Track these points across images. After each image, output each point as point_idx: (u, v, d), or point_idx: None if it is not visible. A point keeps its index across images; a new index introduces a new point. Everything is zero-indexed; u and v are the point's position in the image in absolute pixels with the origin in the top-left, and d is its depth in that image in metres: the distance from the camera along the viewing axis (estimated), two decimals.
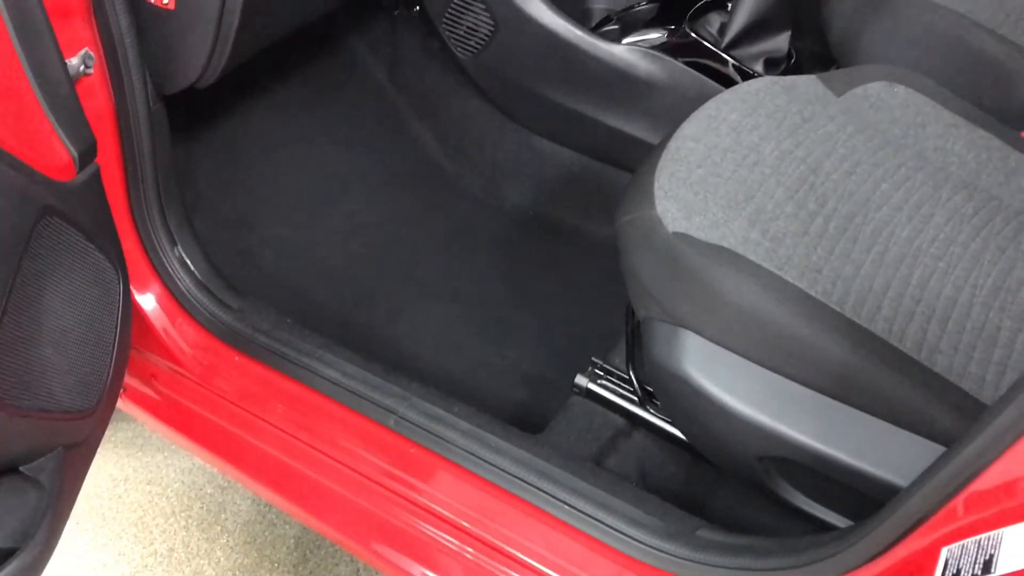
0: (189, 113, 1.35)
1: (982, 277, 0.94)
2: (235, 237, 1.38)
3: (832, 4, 1.38)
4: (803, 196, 0.98)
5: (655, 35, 1.37)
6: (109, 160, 0.99)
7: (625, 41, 1.36)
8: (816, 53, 1.47)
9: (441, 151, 1.60)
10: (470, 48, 1.44)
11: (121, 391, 1.10)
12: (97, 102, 0.96)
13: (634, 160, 1.43)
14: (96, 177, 0.88)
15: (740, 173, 0.97)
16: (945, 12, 1.27)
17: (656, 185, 0.94)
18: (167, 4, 0.93)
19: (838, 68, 1.37)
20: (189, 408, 1.10)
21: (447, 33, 1.44)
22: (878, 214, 0.98)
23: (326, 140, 1.57)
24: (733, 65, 1.33)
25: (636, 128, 1.38)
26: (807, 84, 1.12)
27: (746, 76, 1.32)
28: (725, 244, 0.89)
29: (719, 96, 1.06)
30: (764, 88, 1.09)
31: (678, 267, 0.88)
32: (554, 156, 1.51)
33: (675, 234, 0.89)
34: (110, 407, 0.92)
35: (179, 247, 1.09)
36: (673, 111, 1.34)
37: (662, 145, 0.99)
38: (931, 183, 1.03)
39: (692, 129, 1.01)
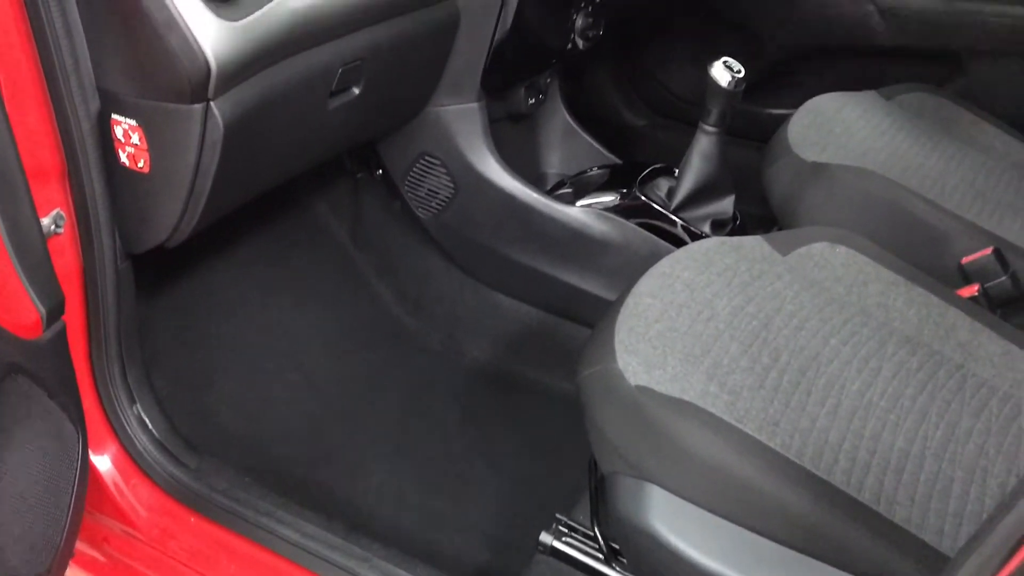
0: (152, 269, 1.37)
1: (931, 429, 0.97)
2: (194, 395, 1.37)
3: (771, 171, 1.46)
4: (757, 350, 1.01)
5: (608, 198, 1.44)
6: (73, 316, 1.00)
7: (579, 203, 1.43)
8: (759, 215, 1.55)
9: (401, 308, 1.63)
10: (431, 209, 1.49)
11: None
12: (65, 260, 0.98)
13: (591, 315, 1.47)
14: (62, 334, 0.89)
15: (696, 328, 1.01)
16: (879, 178, 1.35)
17: (616, 339, 0.97)
18: (142, 167, 0.96)
19: (780, 229, 1.45)
20: (142, 573, 1.06)
21: (409, 195, 1.49)
22: (829, 368, 1.02)
23: (286, 297, 1.59)
24: (682, 226, 1.40)
25: (592, 285, 1.43)
26: (754, 244, 1.18)
27: (695, 237, 1.39)
28: (686, 397, 0.91)
29: (672, 255, 1.11)
30: (714, 247, 1.15)
31: (641, 420, 0.90)
32: (513, 311, 1.55)
33: (637, 387, 0.92)
34: (61, 571, 0.88)
35: (138, 405, 1.08)
36: (627, 269, 1.39)
37: (620, 301, 1.03)
38: (877, 338, 1.07)
39: (648, 286, 1.05)
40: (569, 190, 1.51)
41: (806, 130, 1.47)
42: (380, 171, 1.55)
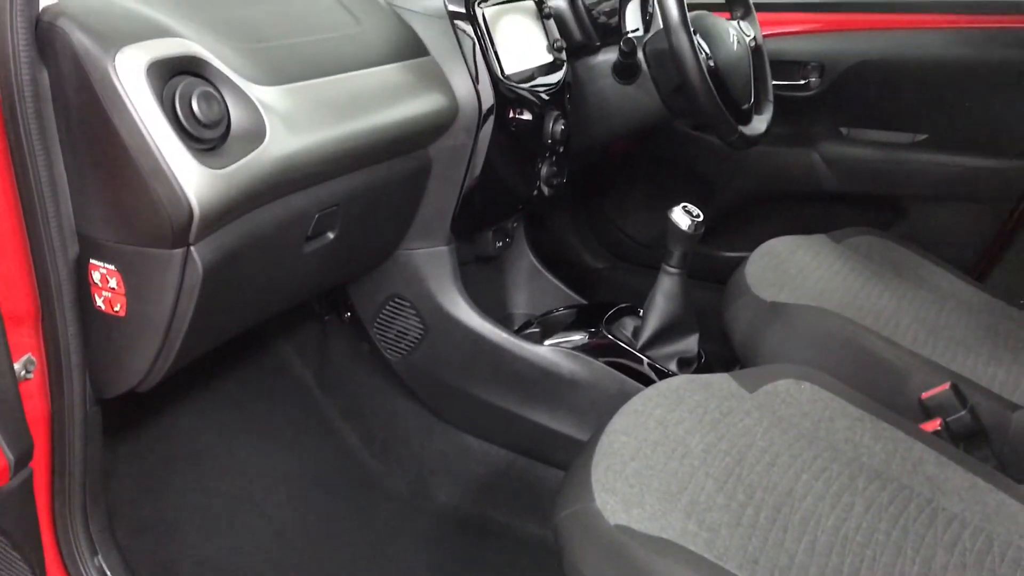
0: (117, 414, 1.34)
1: (908, 564, 0.97)
2: (157, 544, 1.32)
3: (732, 311, 1.51)
4: (732, 487, 1.02)
5: (576, 337, 1.46)
6: (38, 462, 0.97)
7: (548, 343, 1.45)
8: (722, 355, 1.58)
9: (367, 451, 1.61)
10: (400, 350, 1.50)
11: None
12: (33, 405, 0.96)
13: (562, 456, 1.47)
14: (28, 482, 0.86)
15: (671, 465, 1.01)
16: (836, 317, 1.40)
17: (593, 478, 0.97)
18: (117, 311, 0.96)
19: (742, 367, 1.48)
20: None
21: (378, 336, 1.50)
22: (803, 504, 1.03)
23: (250, 442, 1.57)
24: (649, 364, 1.42)
25: (562, 424, 1.43)
26: (721, 382, 1.20)
27: (661, 375, 1.41)
28: (666, 536, 0.91)
29: (643, 393, 1.13)
30: (683, 385, 1.17)
31: (623, 561, 0.89)
32: (482, 453, 1.53)
33: (617, 527, 0.91)
34: None
35: (100, 556, 1.04)
36: (596, 407, 1.40)
37: (594, 440, 1.04)
38: (847, 473, 1.08)
39: (622, 424, 1.06)
40: (537, 330, 1.54)
41: (763, 271, 1.53)
42: (348, 314, 1.56)
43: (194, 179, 0.83)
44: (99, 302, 0.95)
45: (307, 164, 0.99)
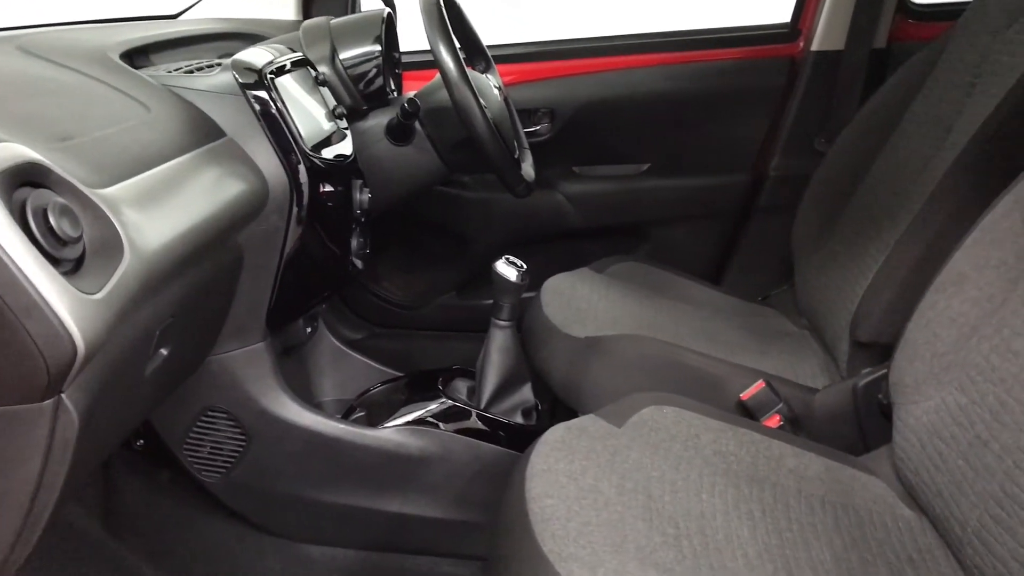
0: None
1: (819, 555, 1.04)
2: None
3: (546, 354, 1.51)
4: (659, 523, 1.02)
5: (415, 412, 1.38)
6: None
7: (387, 424, 1.36)
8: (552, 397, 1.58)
9: None
10: (217, 469, 1.32)
11: None
12: None
13: (422, 540, 1.38)
14: None
15: (603, 516, 0.99)
16: (650, 341, 1.46)
17: (546, 550, 0.92)
18: None
19: (564, 406, 1.49)
20: None
21: (189, 458, 1.31)
22: (715, 523, 1.05)
23: None
24: (494, 421, 1.38)
25: (417, 507, 1.34)
26: (592, 423, 1.20)
27: (511, 430, 1.38)
28: None
29: (535, 450, 1.10)
30: (564, 435, 1.15)
31: None
32: (330, 561, 1.39)
33: None
34: None
35: None
36: (453, 479, 1.33)
37: (523, 512, 0.98)
38: (732, 484, 1.13)
39: (539, 487, 1.02)
40: (362, 413, 1.43)
41: (562, 310, 1.56)
42: (140, 441, 1.35)
43: (75, 310, 0.67)
44: None
45: (161, 272, 0.84)
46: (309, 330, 1.48)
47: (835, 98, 1.94)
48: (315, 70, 1.37)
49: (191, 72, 1.25)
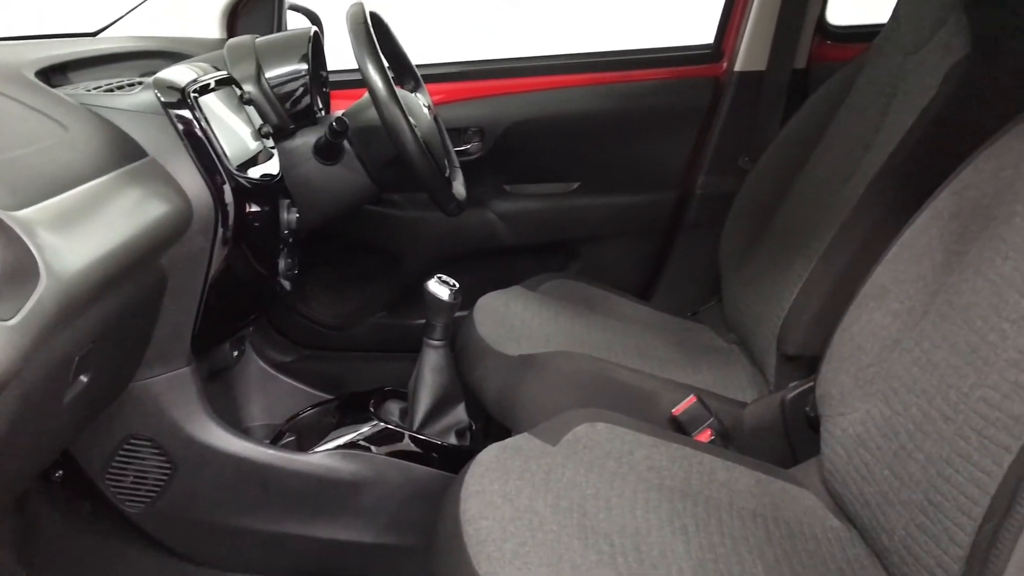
0: None
1: (753, 566, 1.05)
2: None
3: (480, 372, 1.50)
4: (594, 541, 1.02)
5: (345, 435, 1.36)
6: None
7: (318, 448, 1.33)
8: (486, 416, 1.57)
9: None
10: (141, 499, 1.28)
11: None
12: None
13: (355, 566, 1.35)
14: None
15: (538, 537, 0.99)
16: (582, 357, 1.47)
17: (482, 572, 0.91)
18: None
19: (497, 425, 1.48)
20: None
21: (112, 489, 1.26)
22: (650, 538, 1.06)
23: None
24: (427, 443, 1.37)
25: (350, 532, 1.32)
26: (526, 442, 1.20)
27: (445, 451, 1.37)
28: None
29: (469, 473, 1.09)
30: (498, 456, 1.14)
31: None
32: None
33: None
34: None
35: None
36: (385, 503, 1.31)
37: (457, 534, 0.97)
38: (665, 499, 1.14)
39: (474, 508, 1.01)
40: (292, 438, 1.40)
41: (494, 328, 1.56)
42: (59, 472, 1.29)
43: None
44: None
45: (80, 296, 0.81)
46: (236, 353, 1.45)
47: (758, 117, 1.99)
48: (240, 89, 1.35)
49: (111, 91, 1.21)
